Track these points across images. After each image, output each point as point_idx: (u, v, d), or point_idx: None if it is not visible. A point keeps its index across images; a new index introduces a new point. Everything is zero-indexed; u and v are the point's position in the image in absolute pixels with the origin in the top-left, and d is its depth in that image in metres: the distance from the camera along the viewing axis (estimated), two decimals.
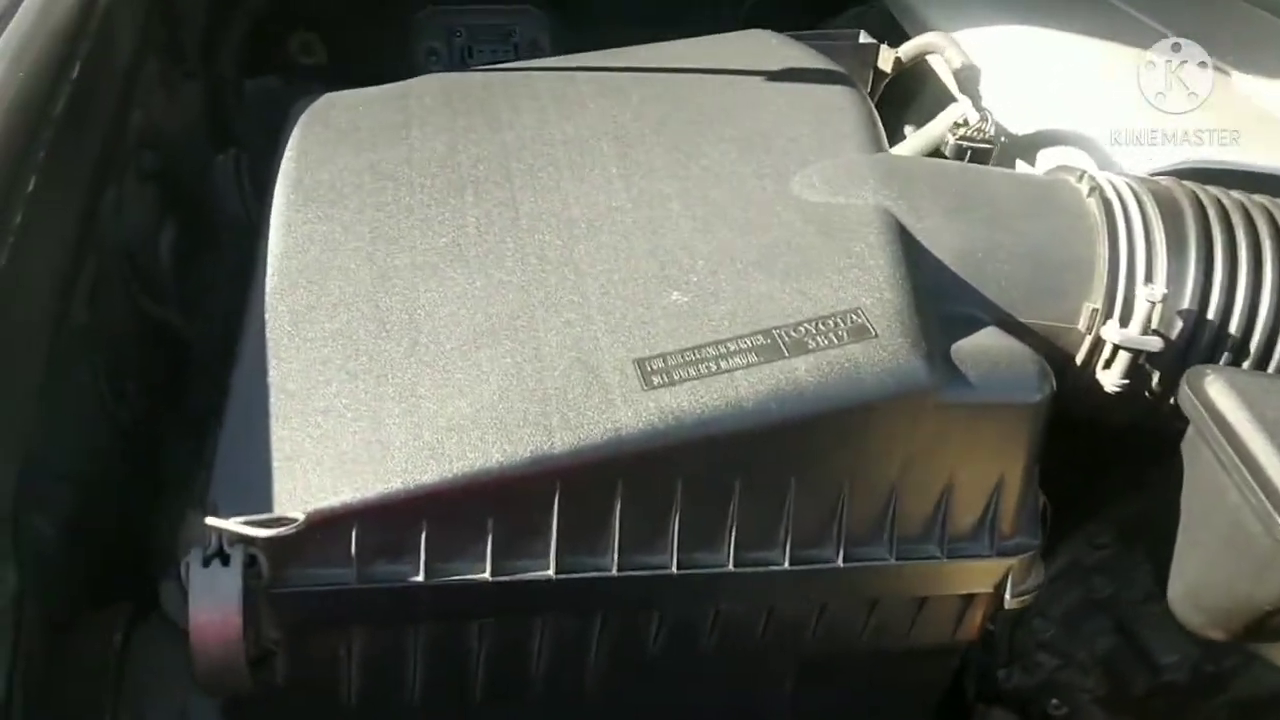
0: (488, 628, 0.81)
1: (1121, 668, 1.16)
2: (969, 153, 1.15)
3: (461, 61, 1.72)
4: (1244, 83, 1.23)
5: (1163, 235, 0.93)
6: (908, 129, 1.40)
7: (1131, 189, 0.98)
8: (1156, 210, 0.95)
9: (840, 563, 0.84)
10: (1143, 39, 1.25)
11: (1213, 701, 1.15)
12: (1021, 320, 0.92)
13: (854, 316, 0.85)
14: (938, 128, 1.27)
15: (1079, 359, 0.94)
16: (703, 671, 0.89)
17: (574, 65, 1.20)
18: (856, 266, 0.88)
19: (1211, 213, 0.95)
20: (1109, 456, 1.10)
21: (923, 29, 1.37)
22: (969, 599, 0.92)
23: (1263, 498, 0.80)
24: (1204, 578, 0.94)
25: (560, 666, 0.84)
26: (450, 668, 0.83)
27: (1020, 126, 1.22)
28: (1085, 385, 0.94)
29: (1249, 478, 0.81)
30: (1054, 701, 1.20)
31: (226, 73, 1.53)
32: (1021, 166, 1.23)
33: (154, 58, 1.27)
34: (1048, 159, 1.21)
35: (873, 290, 0.86)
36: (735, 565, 0.82)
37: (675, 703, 0.94)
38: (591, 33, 1.37)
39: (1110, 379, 0.93)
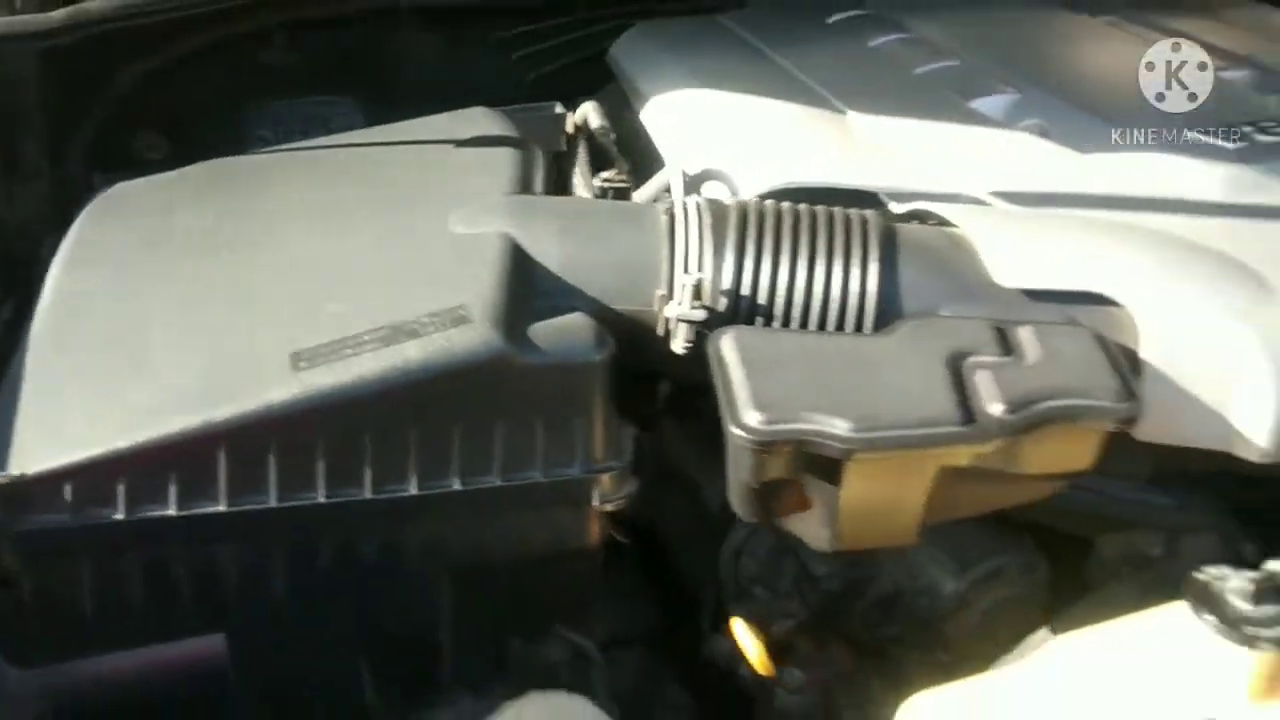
0: (180, 554, 1.10)
1: (801, 587, 1.44)
2: (610, 193, 1.49)
3: None
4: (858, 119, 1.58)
5: (709, 237, 1.25)
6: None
7: (697, 207, 1.30)
8: (708, 220, 1.26)
9: (459, 486, 1.13)
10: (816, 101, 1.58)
11: (860, 602, 1.42)
12: (615, 309, 1.24)
13: (459, 311, 1.16)
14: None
15: (659, 332, 1.25)
16: (372, 586, 1.17)
17: (321, 145, 1.55)
18: (472, 276, 1.20)
19: (752, 219, 1.27)
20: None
21: (634, 94, 1.73)
22: (575, 511, 1.19)
23: (724, 399, 1.09)
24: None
25: (249, 591, 1.12)
26: (162, 590, 1.11)
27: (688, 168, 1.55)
28: (666, 353, 1.25)
29: (722, 390, 1.09)
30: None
31: (73, 171, 1.80)
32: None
33: None
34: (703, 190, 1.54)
35: (479, 293, 1.17)
36: (372, 494, 1.11)
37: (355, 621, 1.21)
38: (400, 116, 1.63)
39: (678, 345, 1.23)
